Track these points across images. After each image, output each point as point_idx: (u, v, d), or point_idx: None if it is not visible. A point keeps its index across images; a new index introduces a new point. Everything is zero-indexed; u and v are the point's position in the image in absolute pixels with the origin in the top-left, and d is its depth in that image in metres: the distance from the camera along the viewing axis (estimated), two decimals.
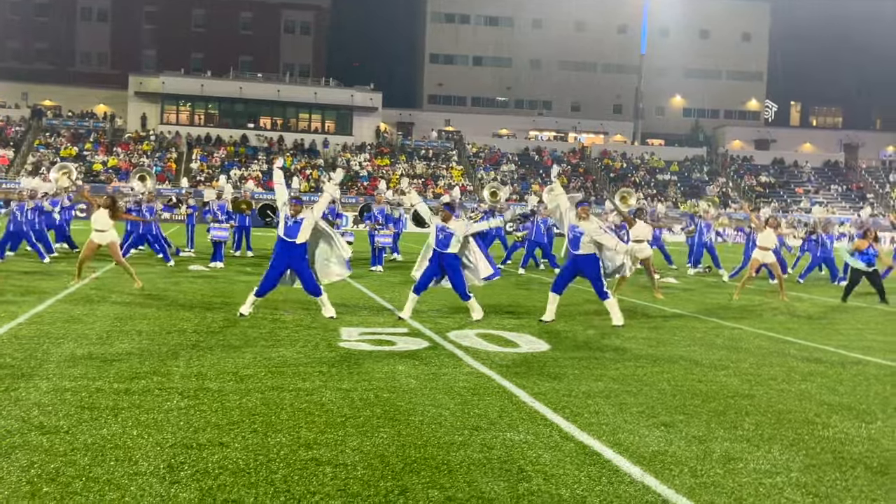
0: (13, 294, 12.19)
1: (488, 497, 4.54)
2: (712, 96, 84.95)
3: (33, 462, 4.79)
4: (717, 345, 10.11)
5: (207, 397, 6.45)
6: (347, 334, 9.71)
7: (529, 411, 6.45)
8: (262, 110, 70.43)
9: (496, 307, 12.92)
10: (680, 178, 71.28)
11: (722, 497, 4.70)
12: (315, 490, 4.54)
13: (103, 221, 13.68)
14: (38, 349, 8.07)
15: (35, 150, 59.84)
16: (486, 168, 67.84)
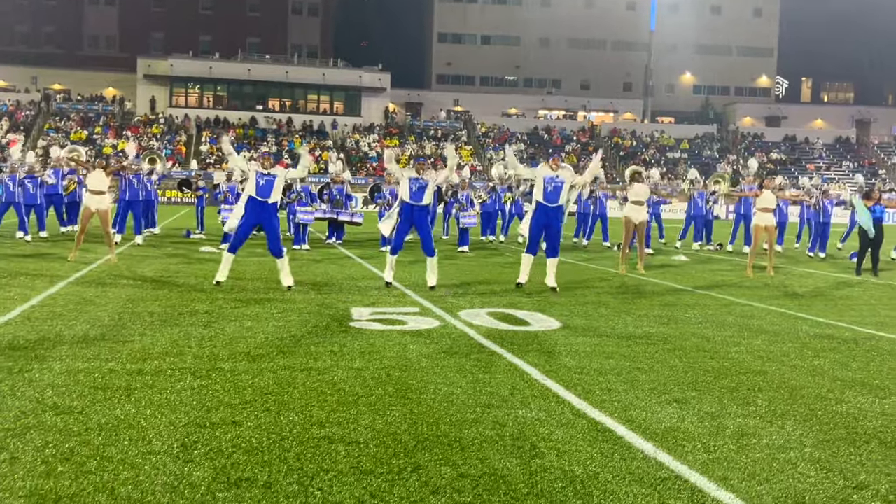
0: (25, 276, 12.23)
1: (501, 474, 4.54)
2: (723, 73, 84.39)
3: (48, 442, 4.81)
4: (729, 322, 10.08)
5: (220, 377, 6.47)
6: (358, 314, 9.72)
7: (541, 389, 6.44)
8: (270, 92, 70.36)
9: (507, 285, 12.90)
10: (690, 156, 70.96)
11: (735, 472, 4.69)
12: (328, 468, 4.55)
13: (100, 182, 13.81)
14: (51, 331, 8.11)
15: (45, 135, 59.95)
16: (496, 148, 67.65)
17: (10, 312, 9.07)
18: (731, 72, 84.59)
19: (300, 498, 4.12)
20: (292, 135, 65.42)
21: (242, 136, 64.18)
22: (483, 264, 16.62)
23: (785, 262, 19.11)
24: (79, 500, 4.01)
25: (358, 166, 60.01)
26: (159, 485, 4.23)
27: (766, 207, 15.67)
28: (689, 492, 4.37)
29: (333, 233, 21.30)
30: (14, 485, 4.16)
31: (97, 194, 13.87)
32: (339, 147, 63.65)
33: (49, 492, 4.09)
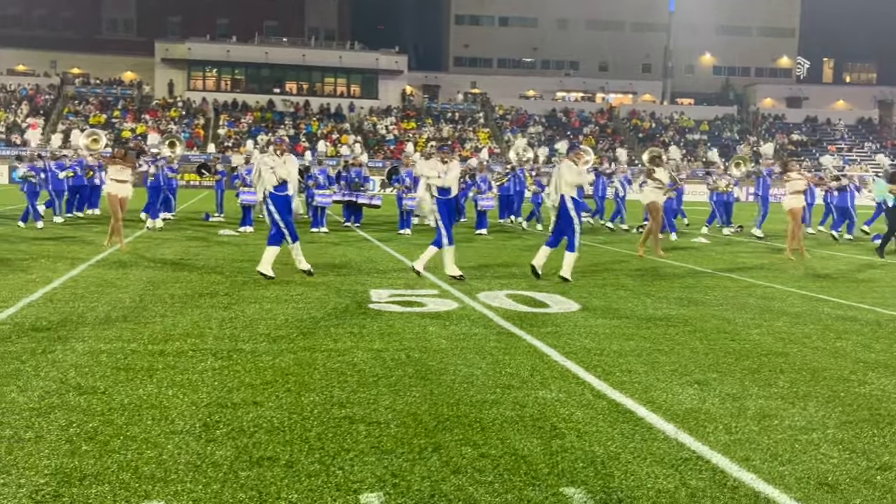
0: (46, 259, 12.33)
1: (522, 454, 4.55)
2: (743, 53, 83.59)
3: (72, 421, 4.86)
4: (750, 304, 10.03)
5: (241, 358, 6.51)
6: (377, 296, 9.73)
7: (561, 370, 6.44)
8: (287, 75, 70.34)
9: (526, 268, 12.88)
10: (710, 138, 70.44)
11: (757, 453, 4.67)
12: (349, 447, 4.57)
13: (121, 171, 13.90)
14: (74, 312, 8.17)
15: (64, 119, 60.26)
16: (513, 130, 67.40)
17: (32, 294, 9.15)
18: (751, 52, 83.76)
19: (322, 477, 4.14)
20: (309, 118, 65.43)
21: (260, 119, 64.27)
22: (501, 247, 16.60)
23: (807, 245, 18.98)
24: (103, 478, 4.04)
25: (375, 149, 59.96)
26: (182, 464, 4.26)
27: (796, 190, 15.57)
28: (710, 472, 4.36)
29: (351, 215, 21.33)
30: (39, 463, 4.21)
31: (120, 183, 13.97)
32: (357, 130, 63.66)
33: (74, 470, 4.13)
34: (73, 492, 3.87)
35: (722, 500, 4.01)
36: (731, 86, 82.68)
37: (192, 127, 61.34)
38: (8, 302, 8.60)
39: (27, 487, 3.90)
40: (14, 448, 4.40)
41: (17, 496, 3.80)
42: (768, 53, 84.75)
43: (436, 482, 4.13)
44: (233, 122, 63.23)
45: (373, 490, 4.01)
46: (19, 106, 60.68)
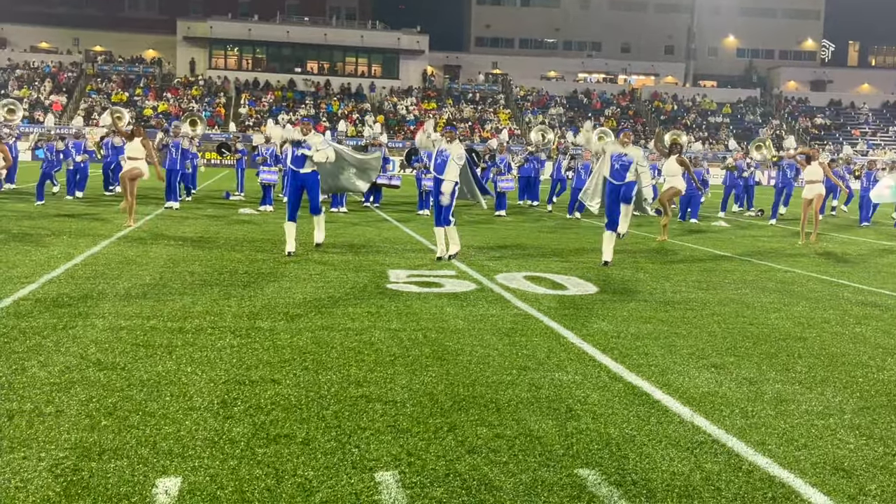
0: (68, 235, 12.43)
1: (537, 435, 4.56)
2: (767, 36, 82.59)
3: (92, 397, 4.91)
4: (769, 288, 9.97)
5: (259, 336, 6.55)
6: (395, 276, 9.75)
7: (577, 352, 6.44)
8: (309, 54, 70.26)
9: (544, 250, 12.87)
10: (732, 121, 69.88)
11: (773, 437, 4.66)
12: (365, 426, 4.60)
13: (136, 149, 14.00)
14: (94, 289, 8.24)
15: (87, 96, 60.56)
16: (534, 111, 67.13)
17: (54, 270, 9.23)
18: (775, 35, 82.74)
19: (338, 455, 4.17)
20: (330, 97, 65.42)
21: (281, 98, 64.32)
22: (520, 229, 16.57)
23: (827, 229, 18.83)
24: (122, 453, 4.09)
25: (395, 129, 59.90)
26: (200, 440, 4.31)
27: (813, 180, 15.43)
28: (725, 456, 4.36)
29: (370, 195, 21.33)
30: (60, 437, 4.26)
31: (134, 160, 14.06)
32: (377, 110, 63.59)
33: (93, 444, 4.18)
34: (93, 466, 3.92)
35: (736, 483, 4.01)
36: (754, 68, 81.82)
37: (214, 106, 61.47)
38: (30, 278, 8.69)
39: (47, 461, 3.96)
40: (35, 422, 4.46)
41: (37, 469, 3.86)
42: (793, 36, 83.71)
43: (451, 461, 4.15)
44: (254, 102, 63.32)
45: (388, 468, 4.04)
46: (42, 83, 61.00)
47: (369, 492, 3.77)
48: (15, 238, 11.95)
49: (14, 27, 68.39)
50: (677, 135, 23.68)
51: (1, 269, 9.21)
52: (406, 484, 3.87)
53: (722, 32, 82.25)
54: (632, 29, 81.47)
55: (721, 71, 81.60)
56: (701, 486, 3.96)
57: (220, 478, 3.85)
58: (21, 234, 12.50)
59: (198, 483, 3.79)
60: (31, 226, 13.59)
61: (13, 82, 60.18)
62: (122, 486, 3.73)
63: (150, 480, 3.80)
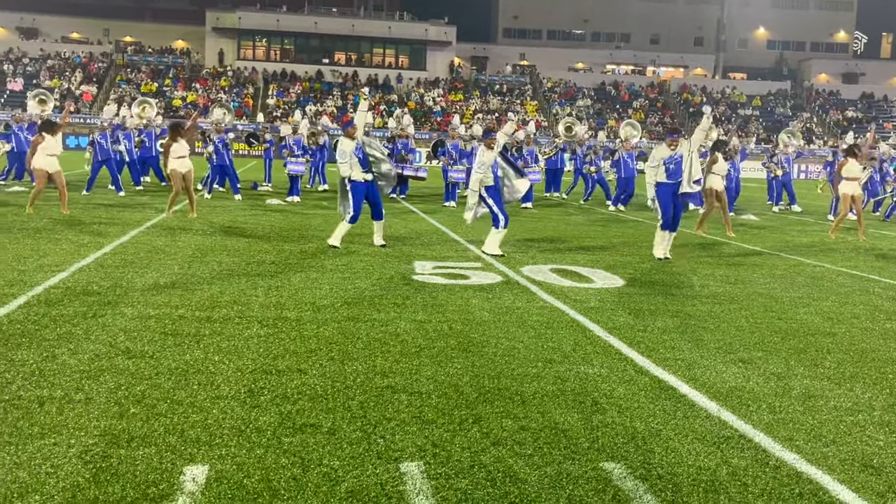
0: (98, 224, 12.56)
1: (562, 427, 4.55)
2: (798, 27, 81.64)
3: (120, 384, 4.97)
4: (798, 282, 9.88)
5: (286, 326, 6.59)
6: (421, 268, 9.76)
7: (604, 345, 6.42)
8: (336, 45, 70.38)
9: (571, 243, 12.83)
10: (762, 113, 69.21)
11: (801, 433, 4.62)
12: (391, 416, 4.61)
13: (181, 147, 14.10)
14: (123, 278, 8.32)
15: (117, 87, 61.06)
16: (562, 103, 66.85)
17: (84, 259, 9.33)
18: (807, 26, 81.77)
19: (363, 445, 4.19)
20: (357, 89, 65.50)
21: (308, 89, 64.50)
22: (547, 221, 16.53)
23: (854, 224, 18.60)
24: (150, 440, 4.13)
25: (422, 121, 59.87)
26: (227, 428, 4.34)
27: (852, 177, 15.25)
28: (752, 451, 4.33)
29: (397, 187, 21.35)
30: (89, 424, 4.31)
31: (182, 158, 14.16)
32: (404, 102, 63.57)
33: (122, 432, 4.23)
34: (121, 453, 3.97)
35: (763, 479, 3.98)
36: (784, 60, 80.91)
37: (242, 96, 61.76)
38: (61, 266, 8.79)
39: (76, 448, 4.01)
40: (65, 409, 4.52)
41: (67, 455, 3.91)
42: (825, 27, 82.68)
43: (476, 453, 4.16)
44: (282, 92, 63.55)
45: (413, 459, 4.05)
46: (73, 73, 61.58)
47: (394, 482, 3.78)
48: (46, 227, 12.09)
49: (46, 18, 69.13)
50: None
51: (32, 257, 9.33)
52: (431, 475, 3.88)
53: (752, 24, 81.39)
54: (661, 20, 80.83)
55: (751, 63, 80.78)
56: (727, 481, 3.94)
57: (246, 466, 3.88)
58: (52, 223, 12.65)
59: (225, 471, 3.82)
60: (61, 215, 13.74)
61: (45, 72, 60.79)
62: (150, 473, 3.77)
63: (178, 468, 3.83)
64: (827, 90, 73.75)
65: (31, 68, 61.59)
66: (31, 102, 22.33)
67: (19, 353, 5.52)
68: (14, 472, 3.70)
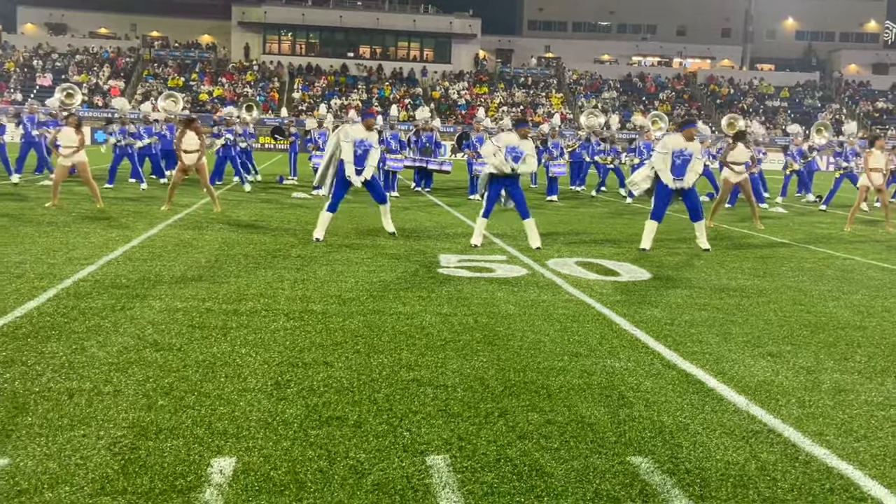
0: (126, 218, 12.67)
1: (588, 421, 4.53)
2: (828, 17, 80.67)
3: (148, 377, 5.00)
4: (828, 275, 9.77)
5: (312, 319, 6.60)
6: (446, 261, 9.76)
7: (630, 339, 6.38)
8: (361, 39, 70.53)
9: (596, 236, 12.77)
10: (790, 105, 68.49)
11: (831, 428, 4.57)
12: (416, 409, 4.61)
13: (193, 142, 14.10)
14: (151, 271, 8.39)
15: (144, 81, 61.51)
16: (587, 95, 66.53)
17: (112, 252, 9.41)
18: (836, 16, 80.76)
19: (389, 437, 4.19)
20: (382, 82, 65.55)
21: (333, 83, 64.63)
22: (572, 214, 16.47)
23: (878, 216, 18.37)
24: (178, 432, 4.16)
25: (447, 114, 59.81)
26: (254, 420, 4.36)
27: (876, 168, 15.07)
28: (781, 445, 4.28)
29: (421, 180, 21.37)
30: (118, 416, 4.35)
31: (190, 153, 14.14)
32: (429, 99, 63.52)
33: (150, 424, 4.26)
34: (150, 445, 3.99)
35: (793, 474, 3.94)
36: (813, 51, 80.00)
37: (267, 90, 62.01)
38: (90, 259, 8.87)
39: (105, 439, 4.04)
40: (94, 401, 4.56)
41: (96, 447, 3.94)
42: (854, 18, 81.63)
43: (502, 446, 4.14)
44: (307, 86, 63.76)
45: (439, 452, 4.04)
46: (101, 68, 62.11)
47: (420, 475, 3.78)
48: (76, 221, 12.21)
49: (74, 13, 69.84)
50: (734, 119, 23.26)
51: (62, 250, 9.42)
52: (457, 468, 3.87)
53: (781, 14, 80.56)
54: (687, 11, 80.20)
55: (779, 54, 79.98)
56: (756, 476, 3.90)
57: (273, 458, 3.90)
58: (81, 216, 12.77)
59: (252, 463, 3.84)
60: (90, 208, 13.87)
61: (73, 67, 61.39)
62: (178, 464, 3.79)
63: (206, 460, 3.85)
64: (857, 81, 72.85)
65: (60, 63, 62.23)
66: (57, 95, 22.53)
67: (49, 345, 5.57)
68: (44, 463, 3.74)
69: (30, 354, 5.35)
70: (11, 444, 3.93)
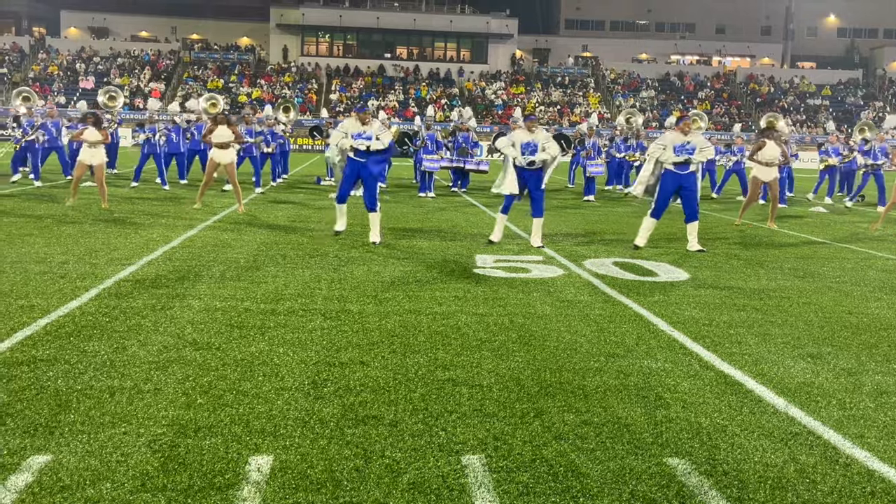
0: (166, 219, 12.82)
1: (625, 422, 4.51)
2: (871, 14, 79.20)
3: (188, 375, 5.07)
4: (870, 276, 9.62)
5: (349, 319, 6.64)
6: (482, 261, 9.76)
7: (668, 340, 6.33)
8: (398, 40, 70.68)
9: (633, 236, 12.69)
10: (832, 103, 67.46)
11: (872, 430, 4.50)
12: (452, 409, 4.62)
13: (225, 136, 14.21)
14: (191, 271, 8.49)
15: (184, 83, 62.23)
16: (625, 95, 66.09)
17: (153, 252, 9.54)
18: (880, 12, 79.22)
19: (425, 437, 4.21)
20: (419, 83, 65.68)
21: (371, 84, 64.89)
22: (609, 214, 16.38)
23: None
24: (216, 430, 4.21)
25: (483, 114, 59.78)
26: (291, 419, 4.40)
27: None
28: (821, 448, 4.23)
29: (458, 180, 21.37)
30: (158, 414, 4.41)
31: (222, 148, 14.26)
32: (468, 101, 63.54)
33: (189, 422, 4.31)
34: (189, 442, 4.05)
35: (833, 477, 3.89)
36: (856, 48, 78.69)
37: (306, 92, 62.42)
38: (130, 259, 9.00)
39: (146, 437, 4.10)
40: (134, 399, 4.63)
41: (136, 444, 4.00)
42: None
43: (537, 447, 4.14)
44: (344, 87, 64.05)
45: (475, 452, 4.05)
46: (142, 71, 62.94)
47: (456, 475, 3.79)
48: (117, 222, 12.39)
49: (116, 17, 70.89)
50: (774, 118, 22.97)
51: (103, 251, 9.57)
52: (493, 468, 3.88)
53: (822, 11, 79.32)
54: (727, 9, 79.26)
55: (820, 52, 78.76)
56: (795, 479, 3.86)
57: (310, 457, 3.93)
58: (122, 218, 12.95)
59: (289, 461, 3.87)
60: (130, 210, 14.06)
61: (115, 70, 62.26)
62: (216, 462, 3.84)
63: (244, 458, 3.90)
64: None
65: (102, 67, 63.14)
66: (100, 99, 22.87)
67: (91, 344, 5.67)
68: (86, 460, 3.81)
69: (72, 353, 5.44)
70: (54, 442, 4.01)
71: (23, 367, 5.12)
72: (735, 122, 57.53)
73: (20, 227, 11.34)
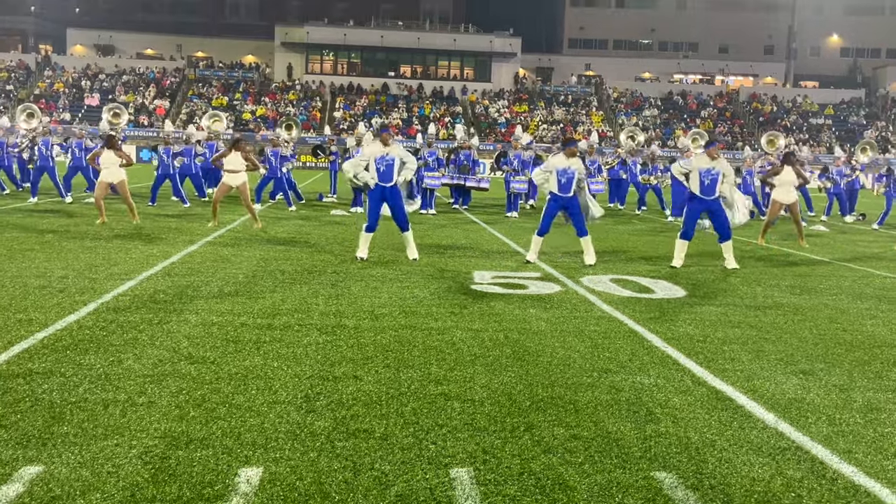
0: (168, 234, 12.89)
1: (614, 437, 4.53)
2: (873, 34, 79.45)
3: (182, 388, 5.11)
4: (867, 294, 9.64)
5: (344, 334, 6.68)
6: (480, 277, 9.80)
7: (661, 356, 6.36)
8: (402, 58, 71.06)
9: (632, 253, 12.73)
10: (835, 122, 67.58)
11: (860, 446, 4.52)
12: (443, 423, 4.65)
13: (237, 162, 14.25)
14: (189, 286, 8.54)
15: (189, 101, 62.53)
16: (627, 113, 66.28)
17: (152, 268, 9.60)
18: (882, 32, 79.48)
19: (414, 450, 4.24)
20: (423, 101, 65.95)
21: (374, 102, 65.16)
22: (609, 231, 16.41)
23: None
24: (208, 443, 4.25)
25: (486, 132, 59.98)
26: (282, 432, 4.43)
27: None
28: (809, 463, 4.25)
29: (459, 197, 21.44)
30: (150, 426, 4.45)
31: (234, 173, 14.28)
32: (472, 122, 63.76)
33: (181, 434, 4.35)
34: (180, 454, 4.08)
35: (819, 491, 3.91)
36: (858, 68, 78.89)
37: (310, 109, 62.70)
38: (130, 274, 9.06)
39: (138, 448, 4.14)
40: (128, 411, 4.67)
41: (128, 456, 4.04)
42: None
43: (526, 460, 4.17)
44: (348, 105, 64.33)
45: (463, 465, 4.08)
46: (147, 88, 63.28)
47: (443, 487, 3.82)
48: (118, 237, 12.46)
49: (122, 35, 71.43)
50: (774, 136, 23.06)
51: (103, 266, 9.63)
52: (480, 481, 3.90)
53: (825, 31, 79.64)
54: (730, 29, 79.57)
55: (823, 71, 78.99)
56: (781, 493, 3.88)
57: (299, 469, 3.96)
58: (123, 233, 13.02)
59: (278, 473, 3.91)
60: (132, 225, 14.13)
61: (120, 88, 62.61)
62: (206, 474, 3.87)
63: (234, 469, 3.93)
64: None
65: (108, 84, 63.52)
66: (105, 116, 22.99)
67: (87, 357, 5.71)
68: (77, 471, 3.84)
69: (68, 366, 5.49)
70: (47, 453, 4.05)
71: (18, 379, 5.17)
72: (738, 141, 57.59)
73: (21, 242, 11.42)
